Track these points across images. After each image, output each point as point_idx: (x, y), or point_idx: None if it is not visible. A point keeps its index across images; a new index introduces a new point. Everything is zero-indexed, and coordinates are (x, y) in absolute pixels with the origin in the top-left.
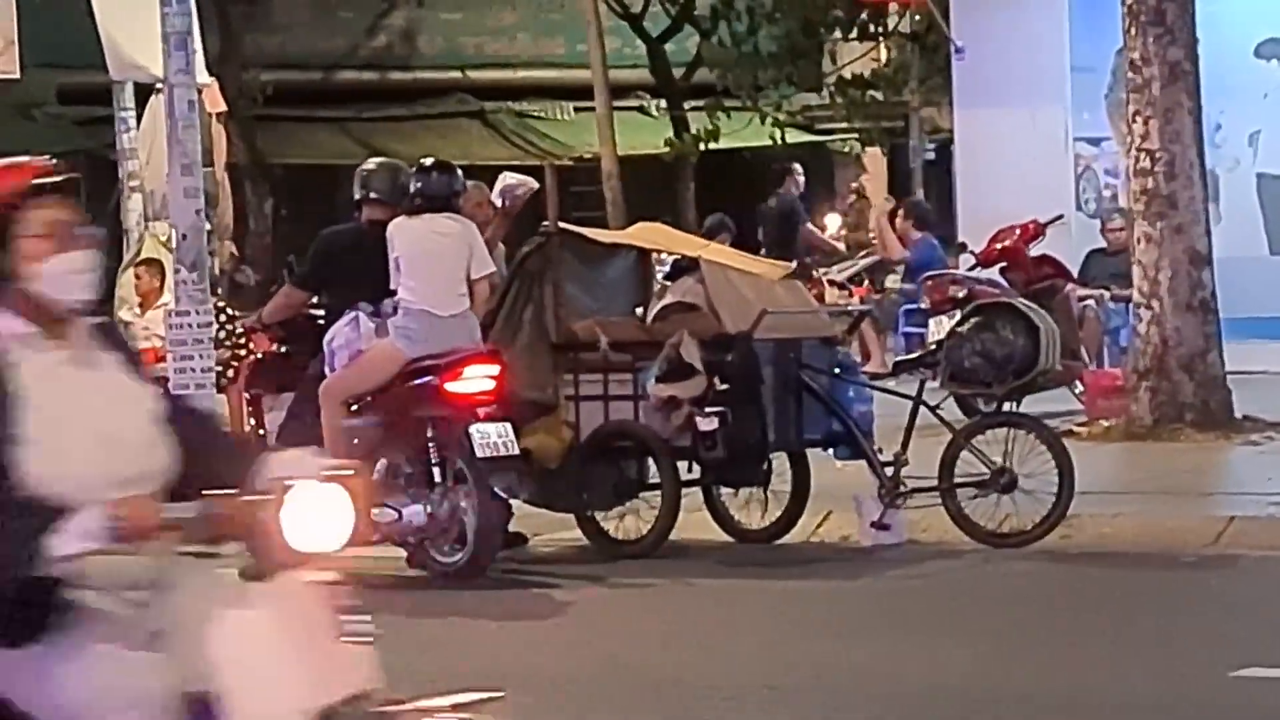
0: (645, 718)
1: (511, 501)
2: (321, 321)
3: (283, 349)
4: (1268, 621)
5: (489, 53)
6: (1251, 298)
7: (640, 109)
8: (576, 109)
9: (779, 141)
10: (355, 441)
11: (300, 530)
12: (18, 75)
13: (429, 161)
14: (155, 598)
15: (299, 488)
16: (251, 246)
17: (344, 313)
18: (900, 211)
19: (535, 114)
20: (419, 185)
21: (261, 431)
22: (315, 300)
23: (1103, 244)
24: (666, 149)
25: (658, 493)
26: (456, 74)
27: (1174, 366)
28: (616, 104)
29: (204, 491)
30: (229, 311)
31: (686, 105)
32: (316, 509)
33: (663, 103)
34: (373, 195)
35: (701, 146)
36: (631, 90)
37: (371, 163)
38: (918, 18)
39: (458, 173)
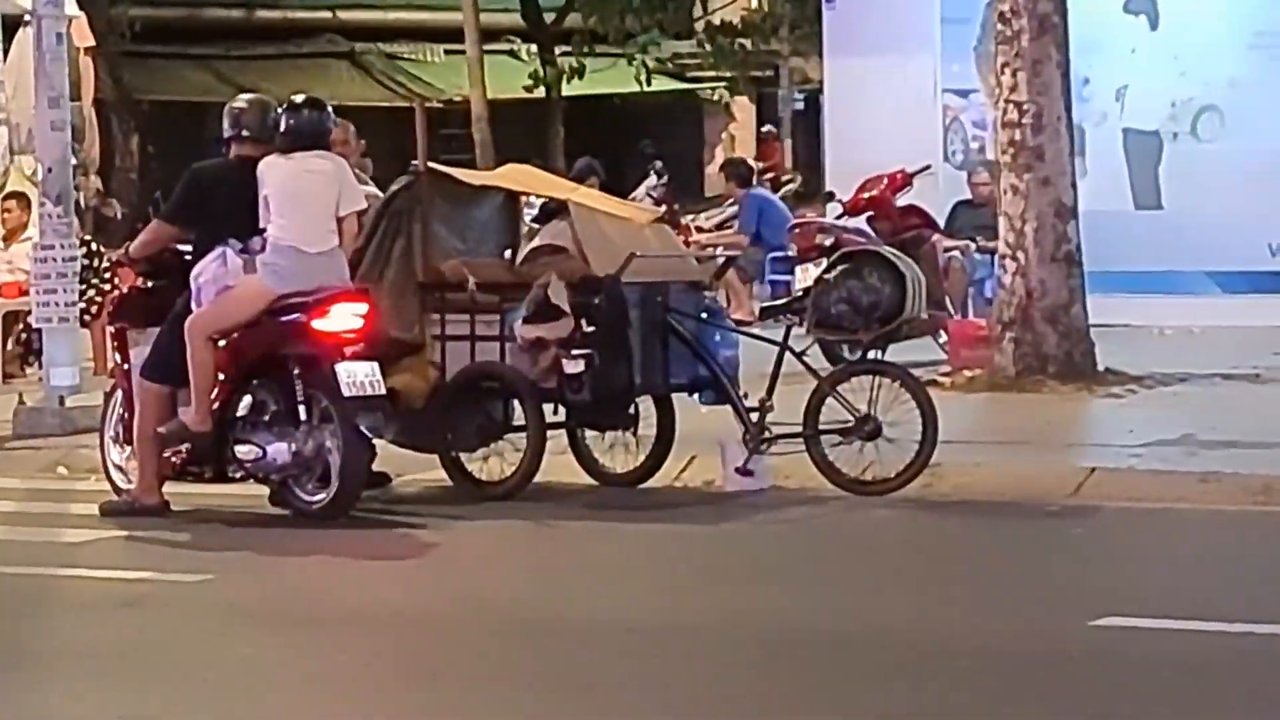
0: (506, 658)
1: (375, 441)
2: (189, 257)
3: (149, 284)
4: (1126, 572)
5: None
6: (1115, 251)
7: (510, 53)
8: (447, 51)
9: (647, 88)
10: (221, 377)
11: None
12: None
13: (300, 99)
14: None
15: None
16: (117, 182)
17: (212, 248)
18: (723, 173)
19: (405, 56)
20: (290, 123)
21: (126, 366)
22: (183, 235)
23: (969, 195)
24: (530, 81)
25: (523, 435)
26: (326, 14)
27: (1038, 318)
28: (487, 47)
29: None
30: (93, 246)
31: (557, 50)
32: None
33: (533, 47)
34: (243, 132)
35: (565, 84)
36: (502, 34)
37: (242, 99)
38: None
39: (329, 110)
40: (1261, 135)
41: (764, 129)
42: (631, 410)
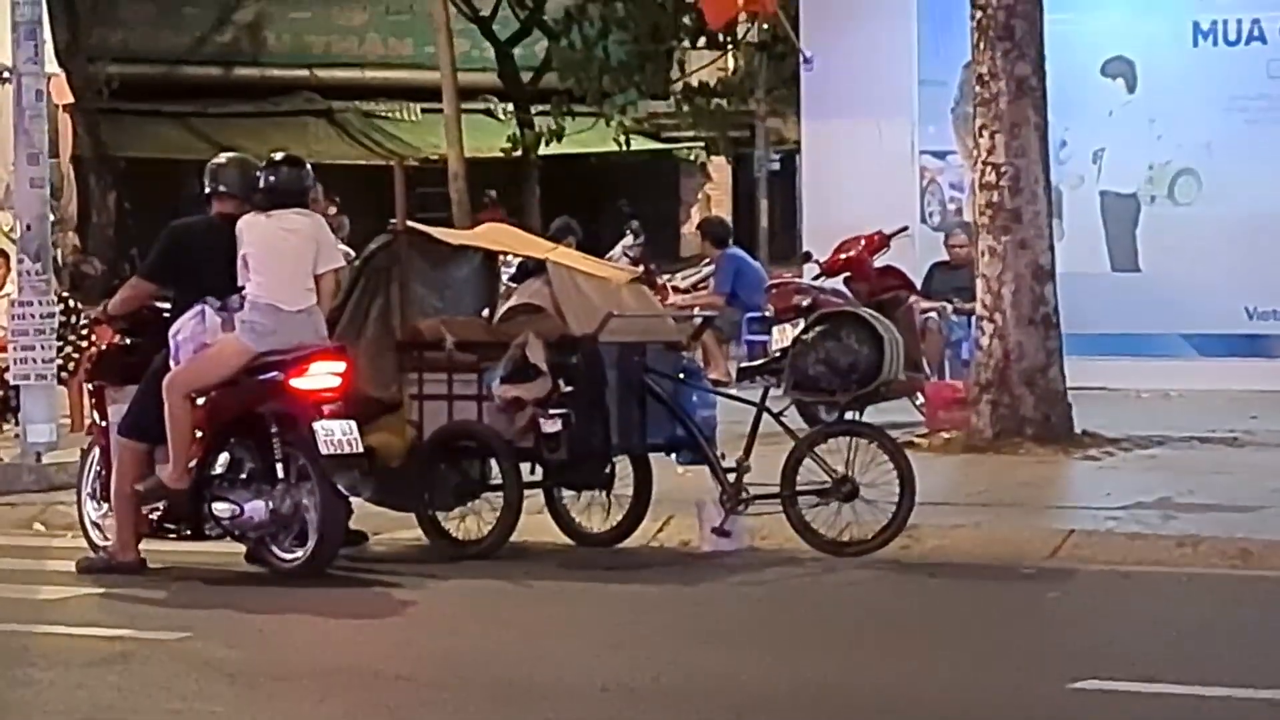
0: (482, 717)
1: (352, 499)
2: (167, 314)
3: (127, 341)
4: (1104, 634)
5: (337, 52)
6: (1093, 314)
7: (487, 112)
8: (424, 110)
9: (624, 147)
10: (199, 435)
11: None
12: None
13: (279, 156)
14: None
15: None
16: (94, 239)
17: (190, 306)
18: (699, 233)
19: (382, 114)
20: (269, 180)
21: (103, 423)
22: (162, 293)
23: (946, 257)
24: (509, 144)
25: (500, 494)
26: (304, 72)
27: (1015, 380)
28: (464, 106)
29: None
30: (71, 303)
31: (533, 109)
32: None
33: (510, 106)
34: (222, 189)
35: (544, 145)
36: (479, 93)
37: (222, 157)
38: (765, 27)
39: (307, 167)
40: (1238, 199)
41: (486, 194)
42: (608, 470)
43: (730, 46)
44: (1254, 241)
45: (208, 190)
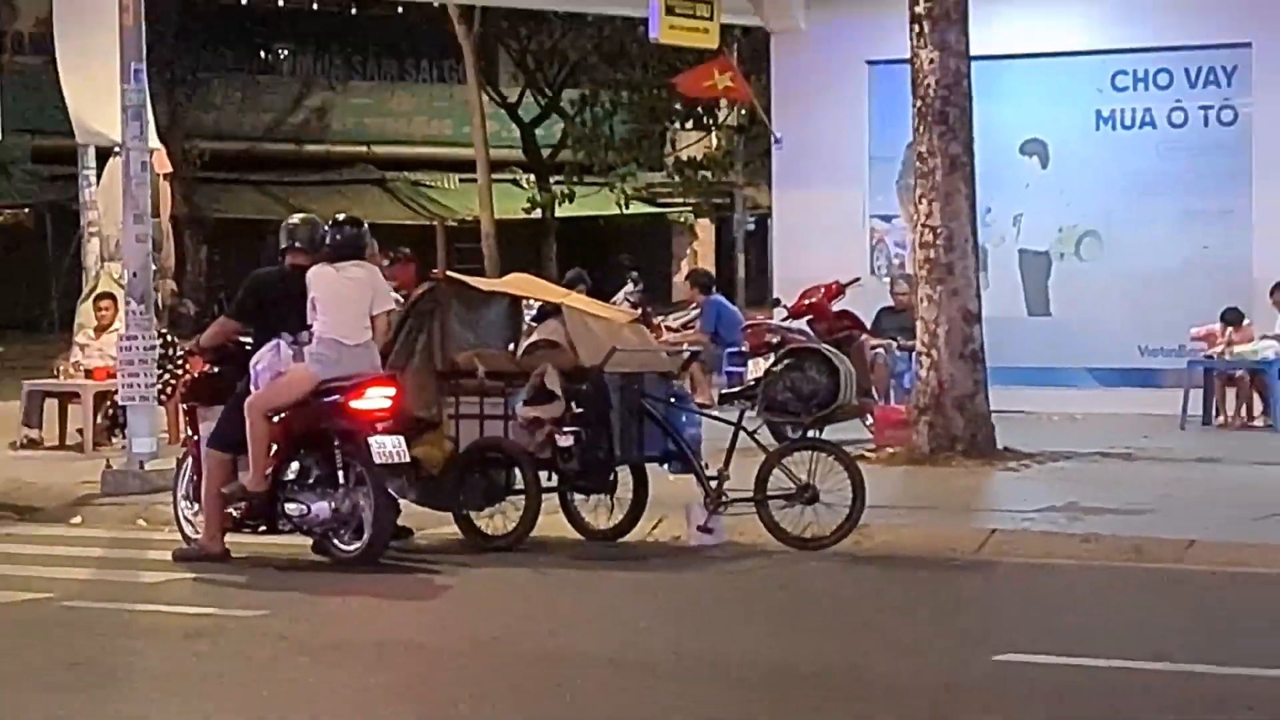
0: (504, 682)
1: (400, 500)
2: (249, 347)
3: (215, 369)
4: (1022, 615)
5: (389, 131)
6: (1012, 351)
7: (513, 181)
8: (461, 179)
9: (625, 211)
10: (274, 447)
11: None
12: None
13: (342, 217)
14: None
15: None
16: (188, 285)
17: (268, 341)
18: (688, 282)
19: (427, 183)
20: (334, 237)
21: (195, 437)
22: (245, 330)
23: (891, 303)
24: (528, 204)
25: (522, 497)
26: (362, 148)
27: (948, 405)
28: (494, 176)
29: None
30: (169, 338)
31: (551, 179)
32: None
33: (532, 177)
34: (296, 244)
35: (558, 205)
36: (506, 166)
37: (295, 217)
38: (744, 112)
39: (365, 226)
40: (1133, 256)
41: (397, 251)
42: (612, 477)
43: (714, 128)
44: (1145, 291)
45: (283, 245)
